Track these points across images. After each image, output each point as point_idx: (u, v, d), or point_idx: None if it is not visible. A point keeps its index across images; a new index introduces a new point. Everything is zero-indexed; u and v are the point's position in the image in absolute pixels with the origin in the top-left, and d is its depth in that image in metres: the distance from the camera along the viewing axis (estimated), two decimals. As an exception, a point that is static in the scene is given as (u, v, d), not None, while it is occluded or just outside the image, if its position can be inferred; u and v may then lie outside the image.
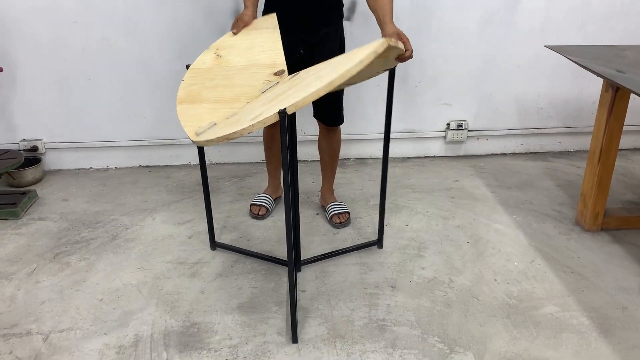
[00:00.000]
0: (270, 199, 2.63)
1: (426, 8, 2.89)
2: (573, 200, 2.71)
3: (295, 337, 1.79)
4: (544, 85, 3.14)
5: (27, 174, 2.90)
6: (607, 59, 2.21)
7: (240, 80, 1.84)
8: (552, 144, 3.32)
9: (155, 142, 3.09)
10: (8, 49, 2.81)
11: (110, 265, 2.21)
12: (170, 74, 2.91)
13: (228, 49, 1.96)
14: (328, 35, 2.19)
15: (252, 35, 2.02)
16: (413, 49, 1.84)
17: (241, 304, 1.98)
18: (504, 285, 2.07)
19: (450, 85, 3.09)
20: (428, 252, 2.29)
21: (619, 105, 2.22)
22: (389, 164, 3.16)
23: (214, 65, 1.91)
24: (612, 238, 2.38)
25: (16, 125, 2.98)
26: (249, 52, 1.95)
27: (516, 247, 2.32)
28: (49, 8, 2.74)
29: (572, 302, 1.98)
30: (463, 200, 2.72)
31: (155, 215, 2.60)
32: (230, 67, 1.90)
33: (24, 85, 2.90)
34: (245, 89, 1.80)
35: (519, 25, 2.97)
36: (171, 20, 2.81)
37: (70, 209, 2.67)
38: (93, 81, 2.91)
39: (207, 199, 2.21)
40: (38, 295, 2.03)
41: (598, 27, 3.02)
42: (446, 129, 3.20)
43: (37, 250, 2.32)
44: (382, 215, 2.24)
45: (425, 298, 2.00)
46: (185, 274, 2.15)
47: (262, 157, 3.18)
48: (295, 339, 1.79)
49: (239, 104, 1.74)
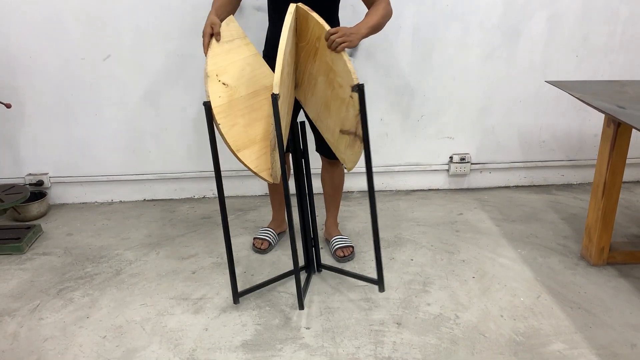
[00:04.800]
0: (274, 233, 2.63)
1: (427, 43, 2.94)
2: (578, 234, 2.70)
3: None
4: (546, 119, 3.17)
5: (33, 209, 2.91)
6: (607, 95, 2.24)
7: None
8: (556, 177, 3.33)
9: (160, 176, 3.11)
10: (16, 85, 2.85)
11: (114, 301, 2.20)
12: (176, 109, 2.95)
13: (225, 74, 1.97)
14: None
15: (232, 53, 2.02)
16: (415, 85, 1.90)
17: (245, 342, 1.96)
18: (511, 321, 2.06)
19: (453, 119, 3.12)
20: (433, 287, 2.28)
21: (621, 139, 2.23)
22: (393, 197, 3.17)
23: (230, 97, 1.93)
24: (618, 273, 2.36)
25: (22, 159, 3.01)
26: (245, 77, 2.01)
27: (522, 282, 2.30)
28: (57, 44, 2.79)
29: (580, 339, 1.95)
30: (468, 234, 2.72)
31: (159, 250, 2.60)
32: (242, 96, 1.96)
33: (31, 120, 2.93)
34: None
35: (519, 60, 3.02)
36: (177, 56, 2.86)
37: (74, 243, 2.68)
38: (99, 116, 2.95)
39: (229, 257, 2.10)
40: (41, 332, 2.02)
41: (597, 62, 3.06)
42: (449, 162, 3.21)
43: (40, 286, 2.31)
44: (379, 261, 2.15)
45: (432, 335, 1.98)
46: (189, 310, 2.14)
47: (265, 191, 3.19)
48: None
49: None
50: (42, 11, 2.73)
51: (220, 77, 1.95)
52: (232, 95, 1.92)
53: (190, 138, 3.03)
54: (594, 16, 2.97)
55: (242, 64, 2.01)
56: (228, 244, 2.05)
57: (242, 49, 2.04)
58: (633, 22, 2.99)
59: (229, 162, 3.10)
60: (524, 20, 2.94)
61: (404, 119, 3.08)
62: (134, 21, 2.78)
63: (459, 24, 2.92)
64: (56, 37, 2.78)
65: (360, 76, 2.85)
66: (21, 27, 2.75)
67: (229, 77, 1.95)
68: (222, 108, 1.87)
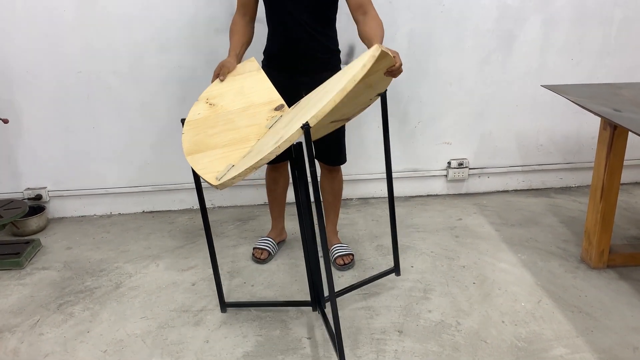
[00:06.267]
0: (274, 242, 2.63)
1: (423, 49, 2.94)
2: (577, 237, 2.70)
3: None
4: (543, 122, 3.18)
5: (31, 223, 2.91)
6: (603, 98, 2.24)
7: (243, 121, 1.85)
8: (554, 180, 3.33)
9: (158, 188, 3.11)
10: (13, 99, 2.86)
11: (114, 315, 2.20)
12: (173, 120, 2.95)
13: (218, 97, 1.98)
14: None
15: (238, 81, 2.04)
16: (411, 91, 1.90)
17: (246, 353, 1.95)
18: (512, 326, 2.05)
19: (450, 124, 3.12)
20: (434, 294, 2.27)
21: (617, 142, 2.24)
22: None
23: (210, 113, 1.92)
24: (618, 275, 2.36)
25: (21, 173, 3.01)
26: (241, 95, 1.97)
27: (522, 287, 2.30)
28: (53, 58, 2.80)
29: (582, 343, 1.95)
30: (467, 239, 2.71)
31: (158, 262, 2.59)
32: (228, 112, 1.92)
33: (29, 134, 2.94)
34: (252, 128, 1.81)
35: (515, 64, 3.03)
36: (173, 67, 2.86)
37: (74, 257, 2.67)
38: (97, 129, 2.95)
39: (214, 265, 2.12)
40: (41, 348, 2.01)
41: (593, 65, 3.07)
42: (447, 168, 3.22)
43: (40, 301, 2.31)
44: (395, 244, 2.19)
45: (433, 342, 1.98)
46: (189, 322, 2.14)
47: (264, 200, 3.19)
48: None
49: (250, 143, 1.75)
50: (38, 25, 2.74)
51: (210, 100, 1.97)
52: (216, 111, 1.91)
53: (188, 149, 3.03)
54: (589, 19, 2.98)
55: (242, 84, 2.01)
56: (210, 245, 2.03)
57: (249, 78, 2.05)
58: (627, 25, 3.01)
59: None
60: (518, 25, 2.95)
61: (401, 125, 3.08)
62: (131, 34, 2.79)
63: (454, 29, 2.93)
64: (53, 51, 2.78)
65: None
66: (18, 41, 2.76)
67: (220, 99, 1.96)
68: (195, 123, 1.88)
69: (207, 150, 1.77)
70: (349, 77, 1.52)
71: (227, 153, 1.74)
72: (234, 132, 1.82)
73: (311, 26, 2.16)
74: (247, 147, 1.75)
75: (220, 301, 2.18)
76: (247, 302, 2.24)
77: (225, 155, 1.73)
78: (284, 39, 2.20)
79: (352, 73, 1.52)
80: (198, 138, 1.84)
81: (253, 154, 1.63)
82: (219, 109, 1.94)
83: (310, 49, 2.20)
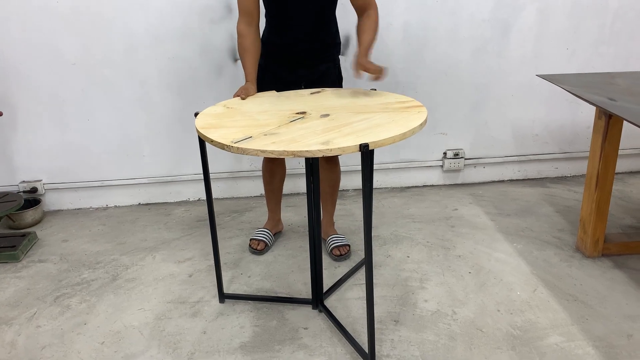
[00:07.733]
0: (270, 233, 2.63)
1: (419, 39, 2.94)
2: (573, 226, 2.71)
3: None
4: (539, 112, 3.18)
5: (27, 216, 2.90)
6: (598, 87, 2.25)
7: (263, 118, 1.84)
8: (549, 170, 3.34)
9: (154, 180, 3.10)
10: (8, 92, 2.84)
11: (111, 307, 2.20)
12: (169, 112, 2.95)
13: (237, 105, 2.00)
14: (328, 71, 2.31)
15: (258, 99, 2.07)
16: (407, 81, 1.89)
17: (243, 344, 1.96)
18: (508, 315, 2.06)
19: (445, 115, 3.12)
20: (430, 283, 2.28)
21: (612, 131, 2.24)
22: (388, 195, 3.17)
23: (227, 111, 1.92)
24: (613, 264, 2.38)
25: (16, 166, 3.00)
26: (261, 106, 1.98)
27: (518, 276, 2.31)
28: (48, 51, 2.78)
29: (577, 331, 1.96)
30: (463, 229, 2.72)
31: (155, 254, 2.59)
32: (246, 111, 1.92)
33: (24, 127, 2.92)
34: (272, 120, 1.79)
35: (511, 54, 3.02)
36: (168, 59, 2.85)
37: (70, 249, 2.67)
38: (92, 121, 2.94)
39: (216, 255, 2.14)
40: (39, 340, 2.02)
41: (588, 54, 3.07)
42: (443, 158, 3.22)
43: (37, 294, 2.31)
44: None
45: (429, 331, 1.99)
46: (186, 313, 2.14)
47: (261, 192, 3.19)
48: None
49: (270, 128, 1.74)
50: (32, 17, 2.71)
51: (228, 105, 2.00)
52: (234, 110, 1.93)
53: (184, 141, 3.02)
54: (584, 8, 2.97)
55: (260, 102, 2.03)
56: (214, 235, 2.05)
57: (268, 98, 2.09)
58: (623, 14, 3.00)
59: (223, 164, 3.10)
60: (514, 14, 2.95)
61: (397, 116, 3.08)
62: (126, 25, 2.77)
63: (449, 18, 2.92)
64: (47, 43, 2.77)
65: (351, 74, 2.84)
66: (12, 33, 2.74)
67: (238, 106, 1.99)
68: (212, 115, 1.88)
69: (224, 128, 1.75)
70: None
71: (245, 130, 1.71)
72: (254, 121, 1.81)
73: (313, 27, 2.19)
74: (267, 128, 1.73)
75: (219, 292, 2.19)
76: (247, 295, 2.24)
77: (243, 131, 1.71)
78: (285, 38, 2.22)
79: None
80: (214, 122, 1.82)
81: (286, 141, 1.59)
82: (237, 110, 1.94)
83: (311, 48, 2.23)
